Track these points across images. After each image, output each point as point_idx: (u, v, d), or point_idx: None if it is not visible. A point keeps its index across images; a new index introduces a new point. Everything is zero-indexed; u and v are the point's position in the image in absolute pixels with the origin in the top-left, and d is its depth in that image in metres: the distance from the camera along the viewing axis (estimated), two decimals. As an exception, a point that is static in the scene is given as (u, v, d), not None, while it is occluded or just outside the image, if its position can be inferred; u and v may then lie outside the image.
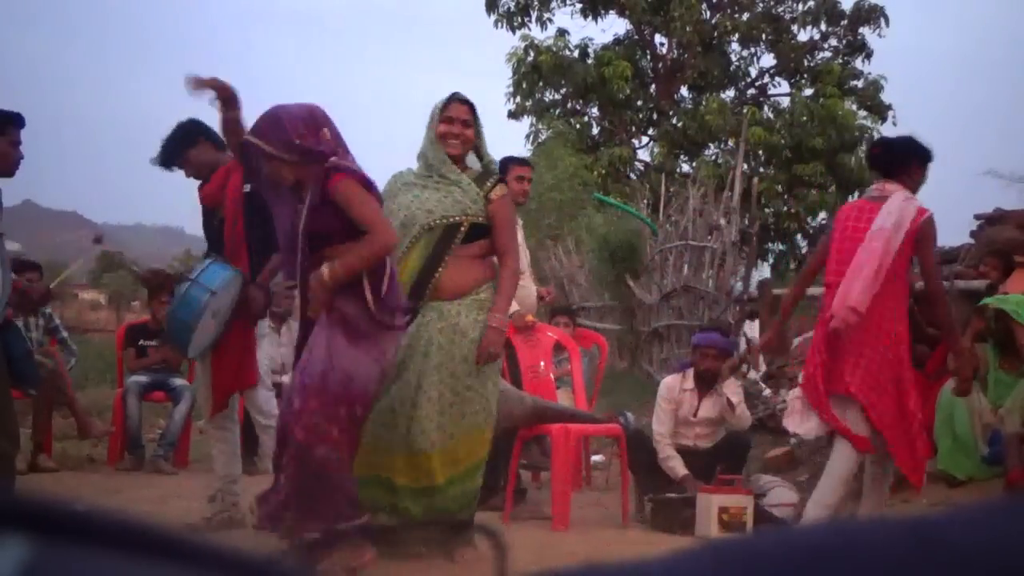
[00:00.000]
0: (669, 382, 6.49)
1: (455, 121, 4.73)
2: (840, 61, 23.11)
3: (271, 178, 4.19)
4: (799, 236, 22.45)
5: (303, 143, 4.04)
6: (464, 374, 4.61)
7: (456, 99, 4.79)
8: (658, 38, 23.70)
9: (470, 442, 4.68)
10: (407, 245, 4.63)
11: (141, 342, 8.08)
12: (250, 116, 4.35)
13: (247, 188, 5.04)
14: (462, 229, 4.65)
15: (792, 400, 5.24)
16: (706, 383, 6.36)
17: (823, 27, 23.24)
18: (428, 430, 4.53)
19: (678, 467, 6.14)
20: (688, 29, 22.08)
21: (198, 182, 5.41)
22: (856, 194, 21.75)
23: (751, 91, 24.17)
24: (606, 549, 5.08)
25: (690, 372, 6.44)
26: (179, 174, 5.38)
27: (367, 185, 4.14)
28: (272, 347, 7.11)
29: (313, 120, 4.11)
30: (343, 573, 3.91)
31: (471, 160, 4.85)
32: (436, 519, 4.56)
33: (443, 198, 4.66)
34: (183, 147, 5.30)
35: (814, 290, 10.49)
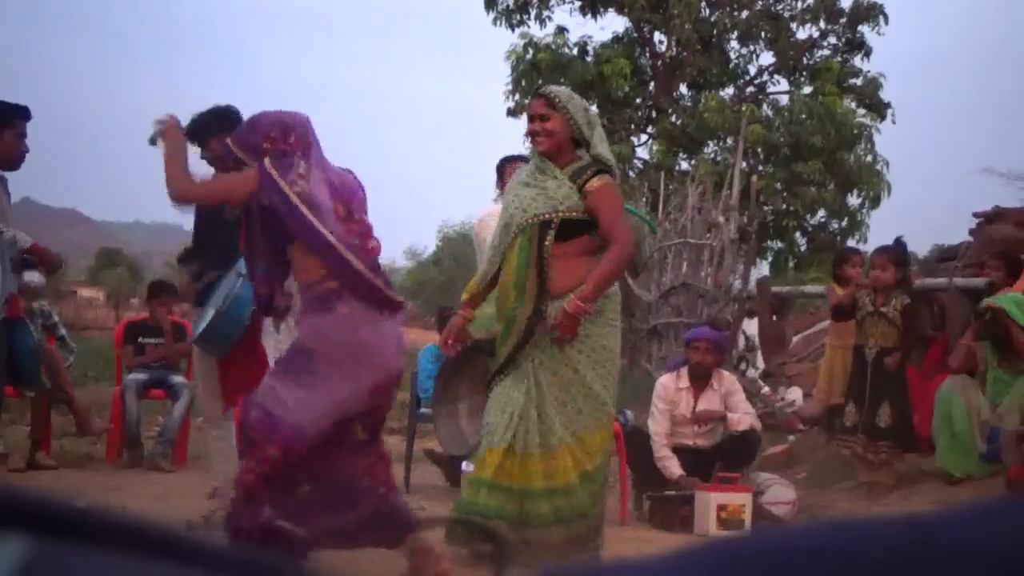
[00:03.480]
0: (664, 381, 6.50)
1: (533, 118, 4.67)
2: (839, 59, 23.09)
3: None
4: (798, 234, 22.43)
5: (271, 147, 3.98)
6: (564, 371, 4.54)
7: (536, 94, 4.80)
8: (657, 36, 23.68)
9: (591, 440, 4.60)
10: (506, 246, 4.60)
11: (140, 339, 8.07)
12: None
13: None
14: (553, 226, 4.54)
15: None
16: (700, 379, 6.37)
17: (822, 25, 23.22)
18: (555, 427, 4.49)
19: (673, 467, 6.14)
20: (687, 27, 22.07)
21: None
22: (855, 192, 21.78)
23: (750, 89, 24.15)
24: (605, 547, 5.07)
25: (684, 371, 6.45)
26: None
27: (264, 179, 3.95)
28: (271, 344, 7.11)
29: (283, 126, 4.04)
30: None
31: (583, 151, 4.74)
32: (567, 519, 4.51)
33: (536, 195, 4.57)
34: (212, 131, 5.11)
35: (812, 288, 10.50)
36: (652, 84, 23.85)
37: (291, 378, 3.86)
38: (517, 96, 23.16)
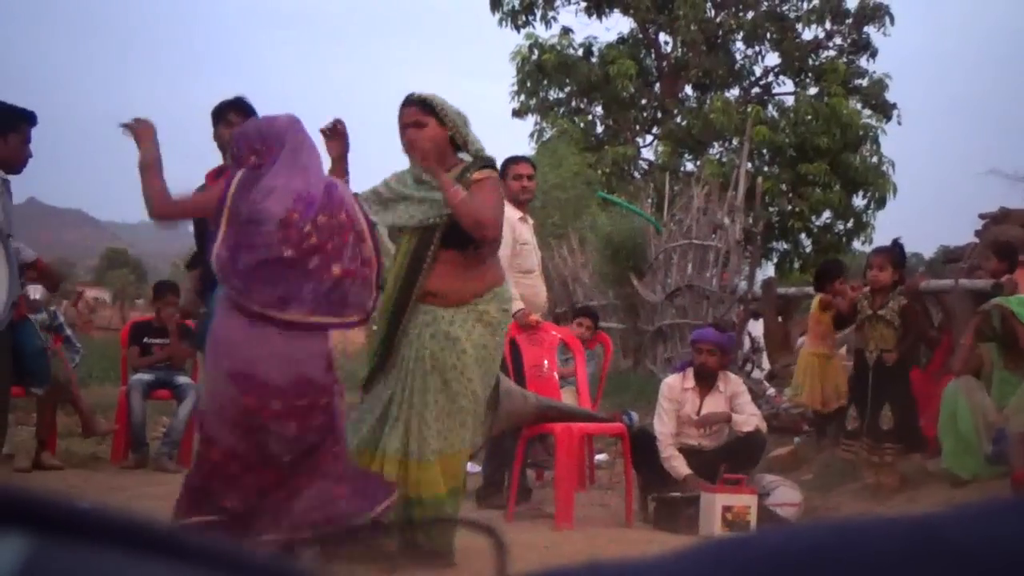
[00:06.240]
0: (670, 382, 6.49)
1: (406, 127, 4.55)
2: (845, 60, 23.09)
3: None
4: (803, 235, 22.42)
5: (256, 159, 4.02)
6: (455, 381, 4.47)
7: (405, 102, 4.59)
8: (662, 36, 23.70)
9: (463, 458, 4.62)
10: (394, 253, 4.60)
11: (145, 340, 8.08)
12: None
13: None
14: (438, 232, 4.51)
15: None
16: (706, 381, 6.36)
17: (828, 25, 23.22)
18: (429, 437, 4.43)
19: (680, 467, 6.13)
20: (692, 28, 22.07)
21: (206, 174, 5.44)
22: (861, 193, 21.77)
23: (755, 90, 24.15)
24: (609, 548, 5.07)
25: (690, 371, 6.44)
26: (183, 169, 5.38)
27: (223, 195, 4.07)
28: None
29: (262, 136, 4.06)
30: None
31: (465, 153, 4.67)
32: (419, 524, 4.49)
33: (420, 203, 4.53)
34: (218, 118, 5.30)
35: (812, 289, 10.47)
36: (657, 85, 23.86)
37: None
38: (522, 97, 23.20)
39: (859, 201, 21.97)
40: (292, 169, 4.01)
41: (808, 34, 23.42)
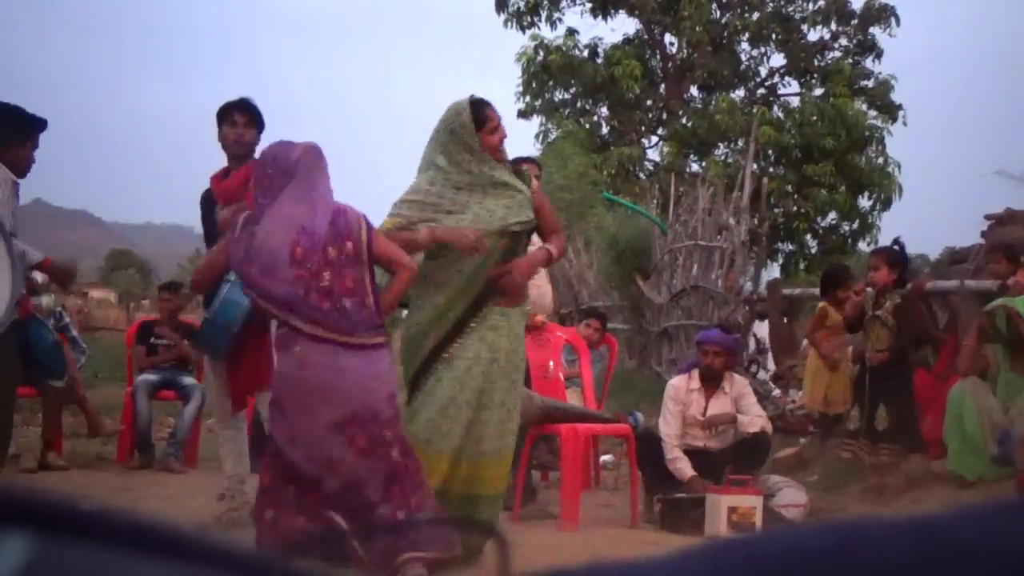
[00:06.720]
0: (676, 383, 6.49)
1: (500, 126, 4.58)
2: (850, 61, 23.05)
3: None
4: (809, 236, 22.38)
5: (269, 183, 4.07)
6: (516, 384, 4.60)
7: (489, 103, 4.60)
8: (668, 37, 23.68)
9: (508, 462, 4.68)
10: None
11: (152, 340, 8.09)
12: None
13: None
14: (526, 236, 4.63)
15: None
16: (711, 382, 6.36)
17: (833, 27, 23.19)
18: (492, 436, 4.51)
19: (685, 468, 6.13)
20: (698, 28, 22.06)
21: (211, 177, 5.45)
22: (866, 194, 21.74)
23: (761, 91, 24.12)
24: (615, 549, 5.07)
25: (696, 372, 6.44)
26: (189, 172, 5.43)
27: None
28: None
29: (276, 163, 4.10)
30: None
31: None
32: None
33: (507, 203, 4.54)
34: (221, 119, 5.37)
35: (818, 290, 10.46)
36: (663, 86, 23.84)
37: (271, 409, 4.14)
38: (528, 98, 23.19)
39: (864, 202, 21.93)
40: (298, 200, 4.05)
41: (813, 35, 23.41)
